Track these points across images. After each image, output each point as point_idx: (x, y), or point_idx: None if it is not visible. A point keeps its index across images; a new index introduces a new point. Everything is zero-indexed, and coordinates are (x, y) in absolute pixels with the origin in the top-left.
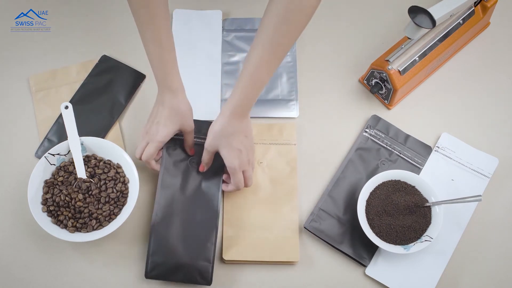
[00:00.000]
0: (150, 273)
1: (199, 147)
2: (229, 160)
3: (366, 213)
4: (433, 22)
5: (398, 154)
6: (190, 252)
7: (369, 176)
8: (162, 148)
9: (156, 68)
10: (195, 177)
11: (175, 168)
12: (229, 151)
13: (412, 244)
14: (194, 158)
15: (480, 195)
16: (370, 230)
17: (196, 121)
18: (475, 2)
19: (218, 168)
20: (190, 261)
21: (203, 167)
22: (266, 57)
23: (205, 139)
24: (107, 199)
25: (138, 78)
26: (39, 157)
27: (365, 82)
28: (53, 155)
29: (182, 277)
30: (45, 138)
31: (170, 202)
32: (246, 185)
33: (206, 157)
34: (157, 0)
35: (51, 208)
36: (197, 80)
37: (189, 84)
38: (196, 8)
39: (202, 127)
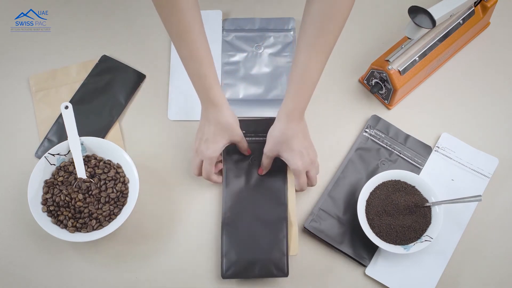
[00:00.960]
0: (226, 273)
1: (259, 145)
2: (293, 162)
3: (366, 213)
4: (433, 22)
5: (398, 154)
6: (263, 247)
7: (369, 176)
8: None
9: (196, 84)
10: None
11: (237, 167)
12: (291, 154)
13: (412, 244)
14: (255, 157)
15: (480, 195)
16: (370, 230)
17: (252, 121)
18: (475, 2)
19: (280, 164)
20: (264, 255)
21: (262, 171)
22: (313, 57)
23: (262, 137)
24: (107, 199)
25: (138, 78)
26: (39, 157)
27: (365, 82)
28: (53, 155)
29: (258, 272)
30: (45, 138)
31: (236, 200)
32: (310, 185)
33: (265, 161)
34: (189, 15)
35: (51, 208)
36: None
37: (189, 84)
38: None
39: (259, 126)
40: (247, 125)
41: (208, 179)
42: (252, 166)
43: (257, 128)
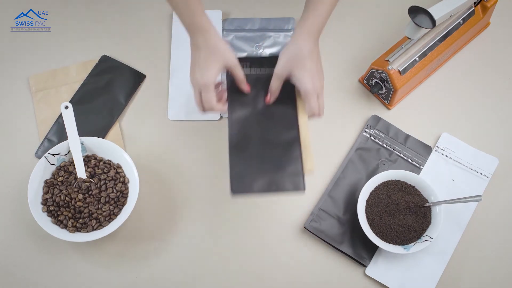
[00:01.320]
0: (236, 188)
1: (265, 77)
2: (305, 82)
3: (366, 213)
4: (433, 22)
5: (398, 154)
6: (275, 164)
7: (369, 176)
8: (221, 84)
9: (181, 12)
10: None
11: (242, 96)
12: (304, 74)
13: (412, 244)
14: (261, 87)
15: (480, 195)
16: (370, 230)
17: (258, 57)
18: (475, 2)
19: (289, 91)
20: (277, 172)
21: (269, 98)
22: None
23: (268, 70)
24: (107, 199)
25: (138, 78)
26: (39, 157)
27: (365, 82)
28: (53, 155)
29: (271, 187)
30: (45, 138)
31: (243, 126)
32: (318, 114)
33: (275, 84)
34: None
35: (51, 208)
36: None
37: (189, 84)
38: None
39: (265, 60)
40: (252, 60)
41: (211, 109)
42: (258, 95)
43: (263, 62)
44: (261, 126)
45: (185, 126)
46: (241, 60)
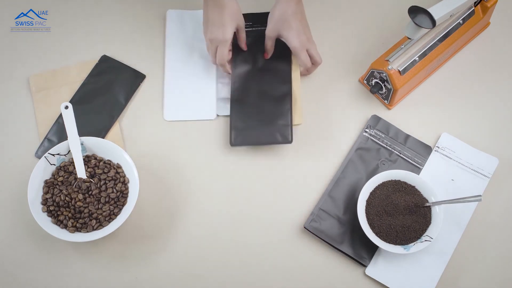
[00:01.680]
0: (235, 141)
1: (262, 33)
2: (292, 40)
3: (366, 213)
4: (433, 22)
5: (398, 154)
6: (269, 118)
7: (369, 176)
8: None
9: None
10: (264, 59)
11: (244, 53)
12: (290, 33)
13: (412, 244)
14: (260, 44)
15: (480, 195)
16: (370, 230)
17: (251, 14)
18: (475, 2)
19: (285, 48)
20: (270, 125)
21: (267, 54)
22: None
23: (262, 27)
24: (107, 199)
25: (138, 78)
26: (39, 157)
27: (365, 82)
28: (53, 155)
29: (264, 139)
30: (45, 138)
31: (244, 81)
32: (316, 63)
33: (268, 43)
34: None
35: (51, 208)
36: (192, 80)
37: (184, 83)
38: (190, 8)
39: (259, 17)
40: (247, 17)
41: (223, 65)
42: (258, 51)
43: (258, 19)
44: (259, 81)
45: (183, 126)
46: (244, 16)
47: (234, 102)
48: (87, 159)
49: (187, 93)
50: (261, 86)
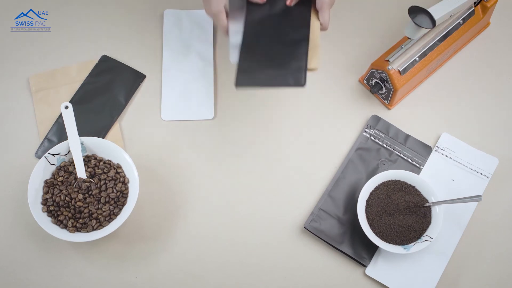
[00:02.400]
0: (240, 82)
1: None
2: None
3: (366, 213)
4: (433, 22)
5: (398, 154)
6: (281, 58)
7: (369, 176)
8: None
9: None
10: (282, 5)
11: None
12: None
13: (412, 244)
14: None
15: (480, 195)
16: (370, 230)
17: None
18: (475, 2)
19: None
20: (282, 66)
21: (289, 1)
22: None
23: None
24: (107, 199)
25: (138, 78)
26: (39, 157)
27: (365, 82)
28: (53, 155)
29: (273, 81)
30: (45, 138)
31: (258, 24)
32: (325, 28)
33: None
34: None
35: (51, 208)
36: (190, 80)
37: (182, 84)
38: (187, 8)
39: None
40: None
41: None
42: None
43: None
44: (274, 26)
45: (183, 126)
46: None
47: (244, 45)
48: (87, 159)
49: (184, 93)
50: (276, 31)
